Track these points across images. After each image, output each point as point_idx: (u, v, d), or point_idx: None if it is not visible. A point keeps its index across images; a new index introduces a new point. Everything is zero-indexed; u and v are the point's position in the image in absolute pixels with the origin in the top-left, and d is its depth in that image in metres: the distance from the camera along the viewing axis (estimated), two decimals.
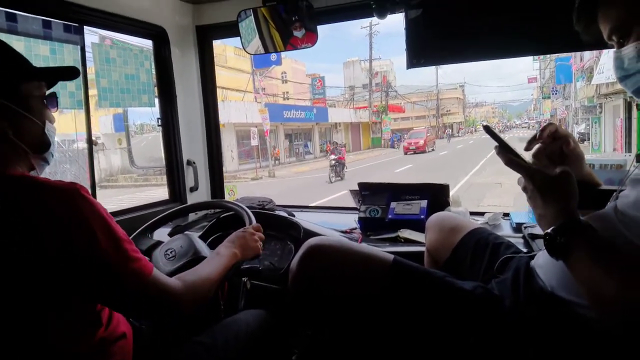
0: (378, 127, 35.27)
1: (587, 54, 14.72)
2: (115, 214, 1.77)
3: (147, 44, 2.05)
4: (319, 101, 31.88)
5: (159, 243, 1.38)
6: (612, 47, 0.85)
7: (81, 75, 1.74)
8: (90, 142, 1.93)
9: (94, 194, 1.77)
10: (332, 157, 15.67)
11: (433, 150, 29.27)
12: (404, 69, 1.69)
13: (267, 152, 20.97)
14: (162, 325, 1.04)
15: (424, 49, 1.66)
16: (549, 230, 0.77)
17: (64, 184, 0.80)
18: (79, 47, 1.74)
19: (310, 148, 28.87)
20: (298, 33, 1.79)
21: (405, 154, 26.86)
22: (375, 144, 35.32)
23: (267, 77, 28.57)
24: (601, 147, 14.08)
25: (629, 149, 11.45)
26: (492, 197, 9.37)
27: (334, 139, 31.44)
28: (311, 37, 1.78)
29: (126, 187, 16.06)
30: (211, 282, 1.01)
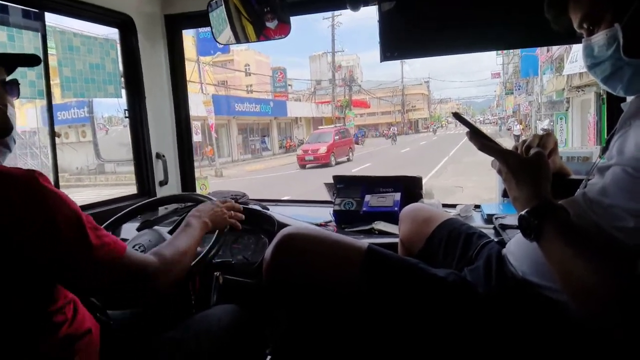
0: (342, 123, 32.61)
1: None
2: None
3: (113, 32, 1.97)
4: (280, 95, 30.21)
5: (123, 241, 1.32)
6: (581, 36, 0.87)
7: (42, 63, 1.66)
8: (53, 135, 1.84)
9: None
10: None
11: (349, 160, 19.90)
12: (371, 65, 1.70)
13: (220, 149, 19.53)
14: (140, 304, 1.02)
15: (398, 41, 1.67)
16: (522, 213, 0.78)
17: (21, 171, 0.76)
18: (39, 34, 1.66)
19: (268, 144, 26.97)
20: (271, 24, 1.76)
21: (303, 167, 18.20)
22: None
23: (227, 69, 27.34)
24: (568, 144, 13.41)
25: (600, 143, 11.25)
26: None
27: (295, 134, 29.84)
28: (284, 28, 1.75)
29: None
30: (187, 255, 1.00)
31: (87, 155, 16.12)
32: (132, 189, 2.09)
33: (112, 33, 1.98)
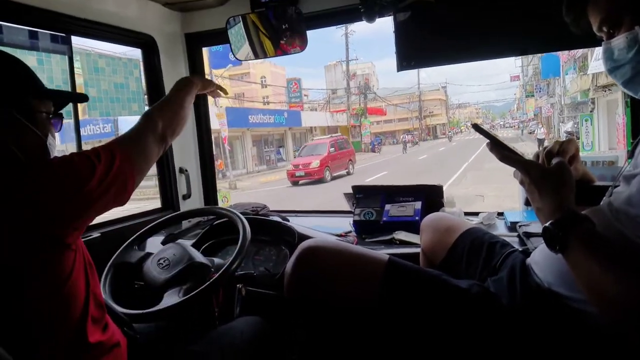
0: (358, 131, 32.83)
1: None
2: (106, 224, 1.75)
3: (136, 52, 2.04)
4: (295, 105, 29.98)
5: (148, 255, 1.36)
6: (601, 38, 0.85)
7: (69, 85, 1.73)
8: None
9: None
10: None
11: (349, 173, 17.89)
12: (386, 72, 1.71)
13: (235, 162, 19.45)
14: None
15: (414, 50, 1.67)
16: (547, 224, 0.77)
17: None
18: (66, 56, 1.73)
19: (284, 154, 26.41)
20: (288, 39, 1.79)
21: (295, 183, 16.32)
22: (355, 148, 32.26)
23: (244, 82, 27.50)
24: (594, 147, 12.69)
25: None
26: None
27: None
28: (301, 42, 1.78)
29: None
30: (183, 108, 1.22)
31: None
32: (156, 203, 2.14)
33: (130, 50, 2.06)
